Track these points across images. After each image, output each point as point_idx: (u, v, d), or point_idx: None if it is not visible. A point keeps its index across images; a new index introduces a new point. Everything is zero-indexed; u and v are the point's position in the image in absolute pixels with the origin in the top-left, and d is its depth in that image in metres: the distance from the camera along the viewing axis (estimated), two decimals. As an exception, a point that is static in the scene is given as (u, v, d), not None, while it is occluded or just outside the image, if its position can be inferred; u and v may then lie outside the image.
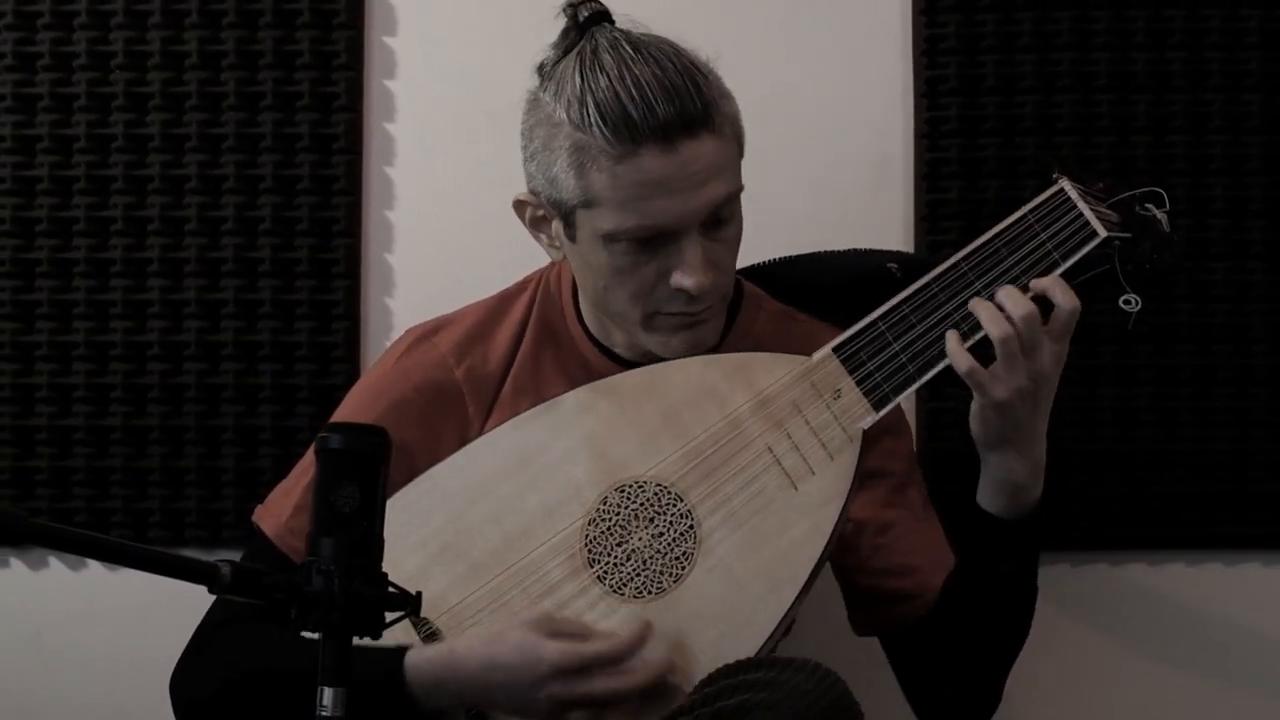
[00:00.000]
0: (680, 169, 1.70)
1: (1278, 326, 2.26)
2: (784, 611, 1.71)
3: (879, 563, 1.86)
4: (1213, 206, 2.25)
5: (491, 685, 1.65)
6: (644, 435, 1.77)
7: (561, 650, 1.62)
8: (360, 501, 1.37)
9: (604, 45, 1.72)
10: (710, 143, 1.71)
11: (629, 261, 1.75)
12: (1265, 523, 2.26)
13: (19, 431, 2.33)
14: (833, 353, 1.77)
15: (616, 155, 1.69)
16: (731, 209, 1.77)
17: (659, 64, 1.70)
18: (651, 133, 1.68)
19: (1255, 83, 2.26)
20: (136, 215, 2.33)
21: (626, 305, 1.78)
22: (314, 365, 2.32)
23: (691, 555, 1.73)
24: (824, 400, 1.77)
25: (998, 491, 1.77)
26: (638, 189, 1.70)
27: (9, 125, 2.33)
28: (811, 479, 1.75)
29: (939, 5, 2.28)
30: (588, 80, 1.70)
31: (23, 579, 2.35)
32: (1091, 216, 1.78)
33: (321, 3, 2.33)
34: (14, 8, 2.33)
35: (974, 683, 1.86)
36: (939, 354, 1.75)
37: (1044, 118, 2.26)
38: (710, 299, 1.77)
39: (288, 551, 1.83)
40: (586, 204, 1.73)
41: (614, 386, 1.80)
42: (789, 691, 1.56)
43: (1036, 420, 1.74)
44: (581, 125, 1.70)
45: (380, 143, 2.35)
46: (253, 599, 1.38)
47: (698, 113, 1.70)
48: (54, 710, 2.35)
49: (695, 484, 1.75)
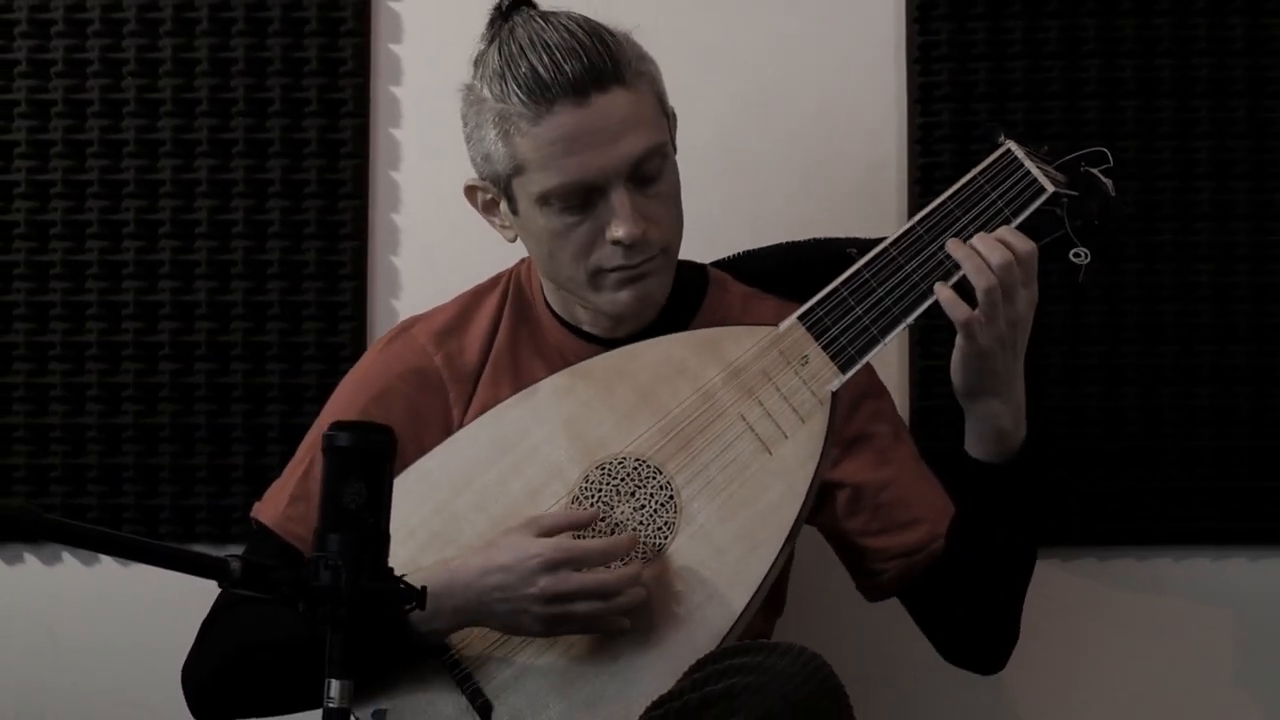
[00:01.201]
0: (595, 122, 1.73)
1: (1261, 327, 2.26)
2: (765, 571, 1.72)
3: (883, 521, 1.87)
4: (1199, 210, 2.25)
5: (487, 591, 1.68)
6: (620, 414, 1.79)
7: (553, 544, 1.68)
8: (367, 498, 1.38)
9: (519, 23, 1.78)
10: (623, 96, 1.75)
11: (564, 223, 1.77)
12: (1250, 518, 2.25)
13: (33, 430, 2.33)
14: (798, 320, 1.78)
15: (532, 116, 1.74)
16: (658, 165, 1.79)
17: (567, 29, 1.75)
18: (562, 90, 1.73)
19: (1242, 89, 2.26)
20: (148, 219, 2.33)
21: (571, 267, 1.80)
22: (321, 365, 2.32)
23: (674, 524, 1.75)
24: (792, 367, 1.78)
25: (984, 438, 1.77)
26: (557, 146, 1.74)
27: (24, 130, 2.33)
28: (785, 443, 1.76)
29: (931, 14, 2.28)
30: (504, 54, 1.76)
31: (37, 574, 2.35)
32: (1039, 174, 1.79)
33: (329, 11, 2.33)
34: (28, 15, 2.33)
35: (992, 621, 1.86)
36: (901, 313, 1.76)
37: (1034, 123, 2.26)
38: (649, 251, 1.79)
39: (289, 538, 1.83)
40: (516, 170, 1.77)
41: (588, 370, 1.82)
42: (775, 675, 1.56)
43: (1015, 364, 1.74)
44: (503, 96, 1.75)
45: (386, 148, 2.35)
46: (262, 593, 1.38)
47: (607, 68, 1.74)
48: (67, 701, 2.34)
49: (673, 456, 1.76)
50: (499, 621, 1.71)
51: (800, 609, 1.96)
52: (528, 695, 1.72)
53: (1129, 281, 2.26)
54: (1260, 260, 2.26)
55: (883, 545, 1.87)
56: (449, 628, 1.72)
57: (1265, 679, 2.29)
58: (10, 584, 2.32)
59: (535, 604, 1.67)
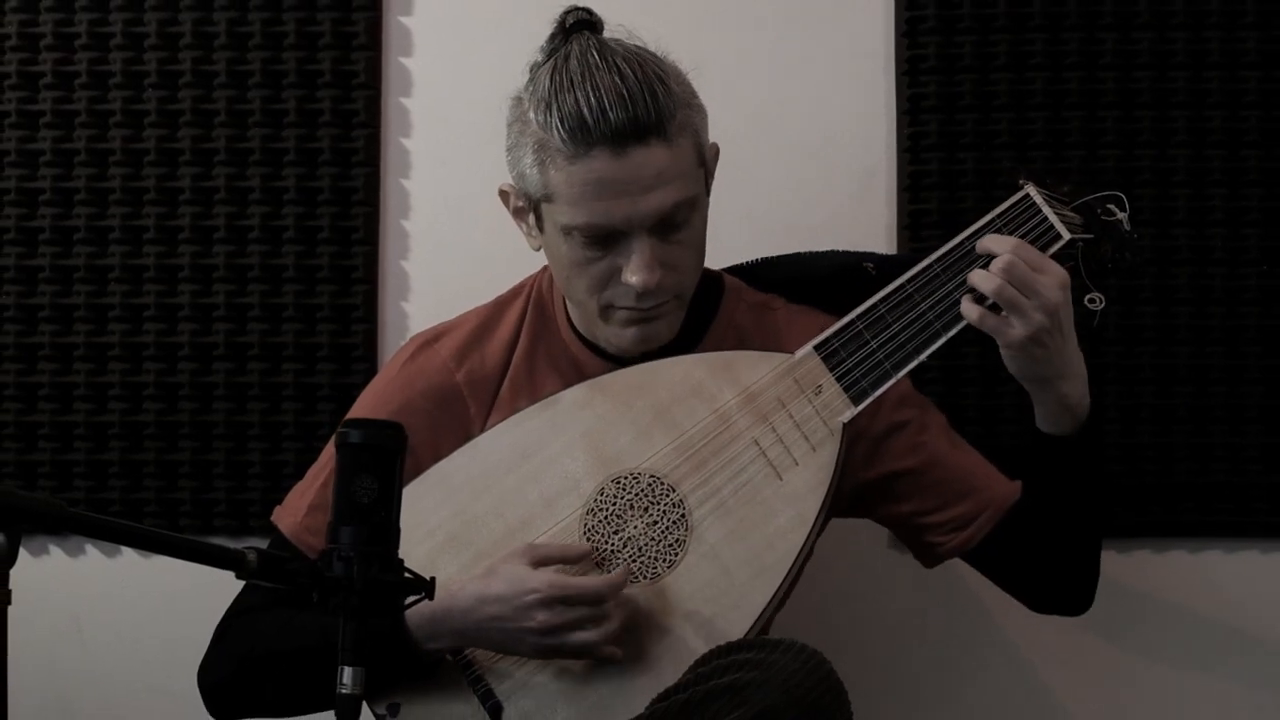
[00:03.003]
0: (629, 174, 1.70)
1: (1270, 329, 2.25)
2: (770, 594, 1.72)
3: (936, 499, 1.86)
4: (1175, 217, 2.25)
5: (485, 619, 1.68)
6: (637, 430, 1.77)
7: (549, 580, 1.67)
8: (378, 493, 1.38)
9: (576, 52, 1.74)
10: (660, 151, 1.71)
11: (584, 255, 1.75)
12: (1262, 512, 2.25)
13: (58, 427, 2.33)
14: (814, 350, 1.78)
15: (569, 155, 1.71)
16: (685, 214, 1.76)
17: (620, 72, 1.71)
18: (602, 137, 1.69)
19: (1218, 100, 2.26)
20: (168, 224, 2.34)
21: (584, 295, 1.79)
22: (334, 365, 2.32)
23: (684, 542, 1.74)
24: (806, 395, 1.77)
25: (1054, 415, 1.76)
26: (588, 188, 1.71)
27: (48, 140, 2.33)
28: (795, 470, 1.75)
29: (920, 28, 2.28)
30: (555, 84, 1.72)
31: (62, 565, 2.36)
32: (1056, 220, 1.77)
33: (342, 25, 2.33)
34: (53, 29, 2.33)
35: (1079, 569, 1.85)
36: (915, 350, 1.75)
37: (1018, 133, 2.27)
38: (661, 297, 1.77)
39: (303, 548, 1.83)
40: (547, 198, 1.75)
41: (608, 384, 1.81)
42: (778, 671, 1.56)
43: (1066, 346, 1.72)
44: (545, 126, 1.72)
45: (397, 157, 2.35)
46: (277, 584, 1.39)
47: (650, 121, 1.70)
48: (91, 687, 2.35)
49: (687, 475, 1.75)
50: (496, 646, 1.72)
51: (802, 605, 1.96)
52: (537, 699, 1.72)
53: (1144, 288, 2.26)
54: (1233, 265, 2.25)
55: (940, 520, 1.86)
56: (450, 647, 1.73)
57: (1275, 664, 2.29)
58: (37, 574, 2.31)
59: (531, 635, 1.68)
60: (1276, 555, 2.28)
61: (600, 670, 1.71)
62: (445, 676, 1.74)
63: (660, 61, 1.76)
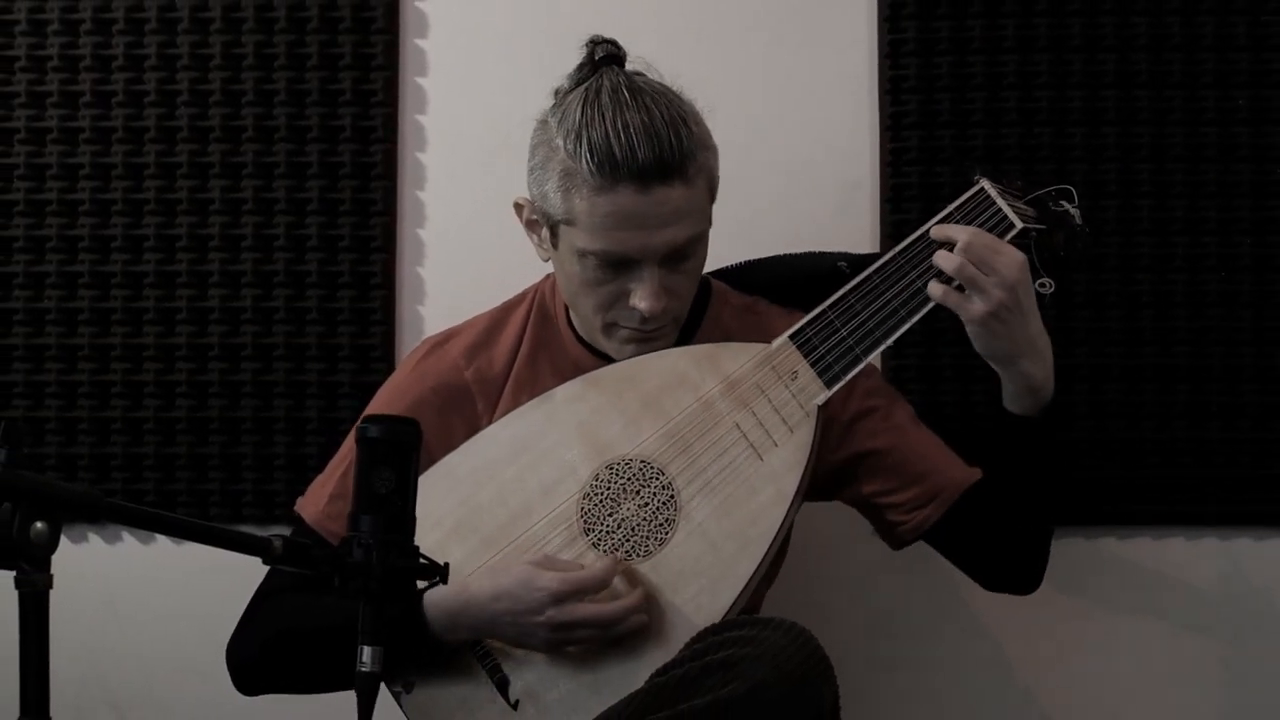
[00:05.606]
0: (649, 209, 1.71)
1: (1264, 330, 2.25)
2: (755, 565, 1.73)
3: (896, 480, 1.87)
4: (1174, 226, 2.26)
5: (498, 614, 1.70)
6: (627, 419, 1.79)
7: (559, 578, 1.68)
8: (395, 484, 1.38)
9: (607, 87, 1.73)
10: (680, 190, 1.72)
11: (596, 277, 1.76)
12: (1255, 501, 2.25)
13: (96, 423, 2.34)
14: (789, 339, 1.79)
15: (595, 186, 1.71)
16: (693, 247, 1.77)
17: (649, 112, 1.71)
18: (629, 174, 1.69)
19: (1180, 118, 2.27)
20: (199, 234, 2.34)
21: (590, 312, 1.81)
22: (354, 365, 2.33)
23: (674, 521, 1.75)
24: (783, 381, 1.79)
25: (1019, 395, 1.78)
26: (610, 219, 1.71)
27: (87, 154, 2.34)
28: (775, 450, 1.77)
29: (901, 50, 2.29)
30: (586, 116, 1.71)
31: (100, 551, 2.37)
32: (1009, 211, 1.78)
33: (362, 47, 2.34)
34: (91, 52, 2.34)
35: (1032, 549, 1.86)
36: (882, 335, 1.77)
37: (993, 148, 2.27)
38: (662, 320, 1.79)
39: (325, 535, 1.84)
40: (567, 221, 1.75)
41: (599, 379, 1.82)
42: (769, 647, 1.57)
43: (1025, 323, 1.73)
44: (573, 156, 1.72)
45: (413, 170, 2.36)
46: (301, 569, 1.39)
47: (674, 163, 1.70)
48: (126, 664, 2.36)
49: (674, 459, 1.77)
50: (508, 639, 1.73)
51: (789, 583, 1.97)
52: (539, 673, 1.74)
53: (1143, 290, 2.27)
54: (1260, 270, 2.26)
55: (900, 500, 1.87)
56: (466, 639, 1.74)
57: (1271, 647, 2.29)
58: (76, 560, 2.32)
59: (542, 629, 1.69)
60: (1269, 542, 2.28)
61: (598, 647, 1.72)
62: (455, 654, 1.76)
63: (682, 102, 1.77)
